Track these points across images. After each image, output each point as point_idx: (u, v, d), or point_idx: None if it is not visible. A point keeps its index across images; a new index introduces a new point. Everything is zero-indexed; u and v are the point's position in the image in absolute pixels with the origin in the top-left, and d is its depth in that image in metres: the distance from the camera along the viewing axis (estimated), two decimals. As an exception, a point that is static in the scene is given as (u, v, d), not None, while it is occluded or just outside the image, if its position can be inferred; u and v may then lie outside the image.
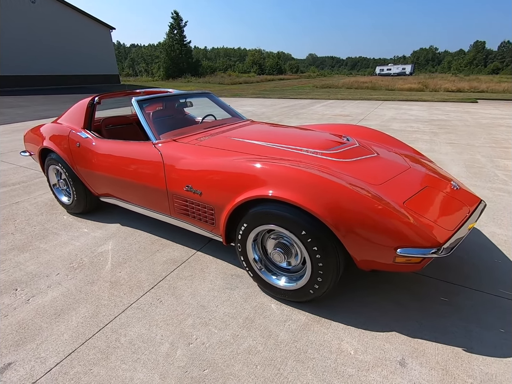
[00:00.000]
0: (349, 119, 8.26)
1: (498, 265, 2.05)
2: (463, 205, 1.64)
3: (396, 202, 1.48)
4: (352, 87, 22.45)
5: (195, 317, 1.68)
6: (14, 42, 18.50)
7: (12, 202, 3.29)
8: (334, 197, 1.41)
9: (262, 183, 1.57)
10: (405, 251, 1.34)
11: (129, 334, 1.58)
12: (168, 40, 34.25)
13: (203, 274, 2.04)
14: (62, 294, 1.88)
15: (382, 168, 1.83)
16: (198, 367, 1.39)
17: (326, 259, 1.46)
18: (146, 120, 2.26)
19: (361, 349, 1.46)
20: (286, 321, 1.64)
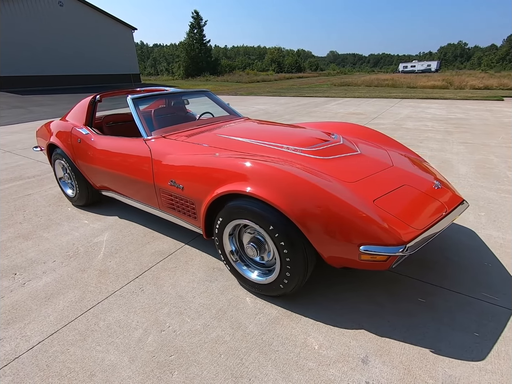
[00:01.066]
0: (362, 117, 8.09)
1: (486, 269, 1.98)
2: (440, 204, 1.60)
3: (366, 200, 1.48)
4: (371, 85, 21.90)
5: (171, 306, 1.75)
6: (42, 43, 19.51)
7: (25, 194, 3.52)
8: (299, 192, 1.43)
9: (235, 179, 1.61)
10: (368, 248, 1.34)
11: (108, 319, 1.67)
12: (188, 39, 34.85)
13: (186, 266, 2.11)
14: (55, 280, 2.02)
15: (361, 166, 1.81)
16: (166, 353, 1.46)
17: (294, 255, 1.48)
18: (139, 117, 2.36)
19: (326, 345, 1.47)
20: (258, 314, 1.67)
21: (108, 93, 2.91)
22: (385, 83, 21.47)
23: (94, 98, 2.81)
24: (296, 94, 16.04)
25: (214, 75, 32.97)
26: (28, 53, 19.01)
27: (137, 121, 2.34)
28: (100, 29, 22.24)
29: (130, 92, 2.85)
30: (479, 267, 2.00)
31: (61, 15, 20.23)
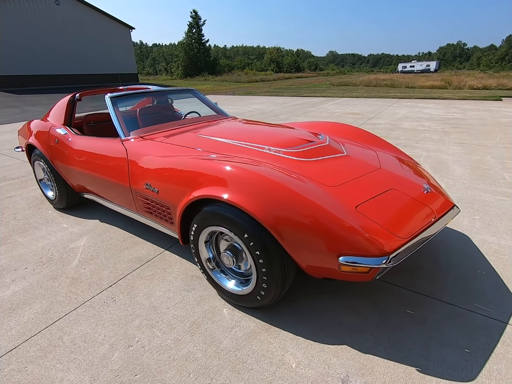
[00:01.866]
0: (359, 117, 7.99)
1: (480, 277, 1.87)
2: (429, 210, 1.49)
3: (347, 206, 1.37)
4: (370, 84, 21.82)
5: (143, 318, 1.64)
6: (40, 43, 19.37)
7: (6, 196, 3.41)
8: (273, 198, 1.32)
9: (209, 182, 1.50)
10: (348, 259, 1.23)
11: (74, 333, 1.56)
12: (186, 39, 34.71)
13: (164, 274, 2.00)
14: (23, 289, 1.90)
15: (346, 168, 1.70)
16: (131, 372, 1.34)
17: (270, 265, 1.37)
18: (117, 117, 2.24)
19: (304, 363, 1.36)
20: (234, 327, 1.56)
21: (89, 91, 2.80)
22: (384, 83, 21.40)
23: (73, 97, 2.69)
24: (294, 94, 15.93)
25: (213, 74, 32.85)
26: (25, 52, 18.88)
27: (115, 120, 2.23)
28: (97, 28, 22.09)
29: (112, 91, 2.73)
30: (471, 275, 1.89)
31: (58, 14, 20.09)
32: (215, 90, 19.68)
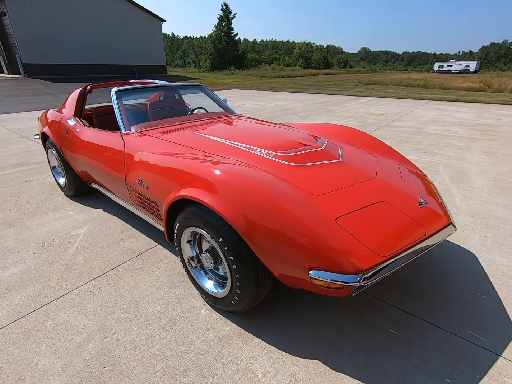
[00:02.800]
0: (381, 118, 7.68)
1: (480, 301, 1.73)
2: (419, 227, 1.39)
3: (327, 217, 1.30)
4: (401, 84, 20.92)
5: (123, 311, 1.67)
6: (74, 33, 20.21)
7: (24, 180, 3.60)
8: (249, 204, 1.29)
9: (191, 184, 1.49)
10: (319, 274, 1.17)
11: (57, 319, 1.62)
12: (216, 32, 34.86)
13: (152, 268, 2.02)
14: (21, 271, 2.00)
15: (337, 176, 1.63)
16: (101, 363, 1.38)
17: (243, 271, 1.35)
18: (120, 111, 2.29)
19: (271, 373, 1.33)
20: (208, 329, 1.56)
21: (100, 84, 2.87)
22: (416, 83, 20.43)
23: (84, 89, 2.78)
24: (319, 91, 15.59)
25: (240, 68, 32.83)
26: (61, 42, 19.78)
27: (117, 114, 2.27)
28: (130, 19, 22.68)
29: (120, 84, 2.79)
30: (471, 298, 1.76)
31: (94, 5, 20.84)
32: (240, 84, 19.67)
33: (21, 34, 18.36)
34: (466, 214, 2.76)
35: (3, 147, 5.06)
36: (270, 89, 16.76)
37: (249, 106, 9.80)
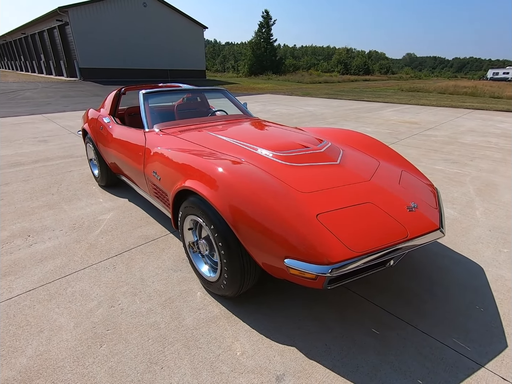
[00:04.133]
0: (415, 127, 7.40)
1: (475, 314, 1.69)
2: (402, 229, 1.42)
3: (308, 213, 1.40)
4: (446, 92, 19.75)
5: (130, 286, 1.89)
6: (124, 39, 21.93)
7: (67, 170, 4.08)
8: (237, 196, 1.43)
9: (193, 176, 1.66)
10: (292, 262, 1.27)
11: (76, 287, 1.88)
12: (256, 38, 35.67)
13: (161, 253, 2.23)
14: (53, 246, 2.32)
15: (330, 176, 1.70)
16: (105, 326, 1.59)
17: (230, 258, 1.48)
18: (145, 111, 2.55)
19: (248, 353, 1.44)
20: (200, 309, 1.71)
21: (132, 87, 3.20)
22: (463, 91, 19.19)
23: (119, 91, 3.11)
24: (354, 98, 15.29)
25: (277, 74, 33.18)
26: (113, 48, 21.56)
27: (142, 114, 2.54)
28: (175, 27, 24.11)
29: (149, 87, 3.08)
30: (466, 309, 1.73)
31: (144, 14, 22.47)
32: (274, 90, 19.92)
33: (80, 41, 20.32)
34: (484, 227, 2.64)
35: (54, 141, 5.71)
36: (304, 94, 16.77)
37: (279, 111, 9.94)
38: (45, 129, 6.80)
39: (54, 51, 23.40)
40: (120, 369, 1.36)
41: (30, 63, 29.73)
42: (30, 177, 3.79)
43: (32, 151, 4.99)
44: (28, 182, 3.65)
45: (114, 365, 1.38)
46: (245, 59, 36.95)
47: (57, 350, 1.45)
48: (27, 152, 4.95)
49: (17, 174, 3.90)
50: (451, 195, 3.32)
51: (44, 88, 16.25)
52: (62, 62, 22.85)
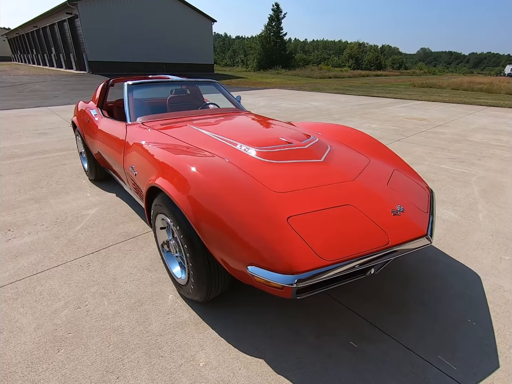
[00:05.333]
0: (423, 123, 7.13)
1: (466, 328, 1.55)
2: (383, 235, 1.28)
3: (279, 215, 1.27)
4: (459, 88, 19.13)
5: (101, 286, 1.81)
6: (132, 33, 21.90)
7: (61, 163, 4.03)
8: (201, 194, 1.32)
9: (163, 173, 1.56)
10: (255, 270, 1.16)
11: (45, 286, 1.81)
12: (265, 32, 35.18)
13: (139, 251, 2.15)
14: (32, 241, 2.26)
15: (310, 175, 1.57)
16: (67, 329, 1.51)
17: (195, 260, 1.38)
18: (128, 103, 2.45)
19: (212, 364, 1.34)
20: (169, 314, 1.61)
21: (120, 78, 3.10)
22: (478, 88, 18.55)
23: (107, 82, 3.02)
24: (364, 93, 14.93)
25: (286, 68, 32.73)
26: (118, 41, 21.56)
27: (125, 106, 2.44)
28: (184, 20, 23.95)
29: (136, 79, 2.97)
30: (457, 322, 1.58)
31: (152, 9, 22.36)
32: (283, 84, 19.64)
33: (89, 35, 20.39)
34: (486, 232, 2.46)
35: (55, 133, 5.70)
36: (312, 89, 16.46)
37: (284, 106, 9.75)
38: (47, 121, 6.81)
39: (64, 44, 23.58)
40: (74, 377, 1.28)
41: (41, 56, 30.09)
42: (23, 170, 3.76)
43: (30, 144, 4.98)
44: (20, 174, 3.61)
45: (68, 373, 1.30)
46: (254, 53, 36.53)
47: (12, 354, 1.38)
48: (25, 144, 4.94)
49: (10, 167, 3.87)
50: (454, 196, 3.13)
51: (53, 81, 16.39)
52: (72, 55, 23.02)
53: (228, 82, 19.62)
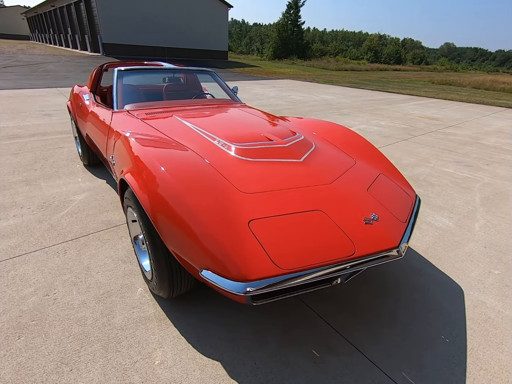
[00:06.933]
0: (435, 123, 6.86)
1: (437, 345, 1.48)
2: (350, 244, 1.21)
3: (240, 218, 1.22)
4: (481, 87, 18.34)
5: (72, 275, 1.80)
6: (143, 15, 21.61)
7: (59, 146, 4.05)
8: (162, 190, 1.27)
9: (131, 165, 1.51)
10: (207, 275, 1.11)
11: (19, 271, 1.82)
12: (282, 19, 34.29)
13: (118, 241, 2.14)
14: (15, 224, 2.28)
15: (285, 176, 1.50)
16: (31, 317, 1.51)
17: (157, 257, 1.35)
18: (116, 89, 2.40)
19: (167, 364, 1.32)
20: (135, 308, 1.60)
21: (115, 63, 3.05)
22: (501, 87, 17.73)
23: (101, 67, 2.98)
24: (378, 88, 14.49)
25: (302, 58, 31.99)
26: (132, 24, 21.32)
27: (113, 93, 2.40)
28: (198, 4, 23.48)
29: (133, 64, 2.92)
30: (430, 338, 1.51)
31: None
32: (296, 75, 19.22)
33: (104, 16, 20.27)
34: (479, 243, 2.35)
35: (58, 115, 5.73)
36: (325, 81, 16.06)
37: (293, 98, 9.55)
38: (54, 102, 6.85)
39: (80, 25, 23.55)
40: (28, 366, 1.28)
41: (57, 36, 30.22)
42: (21, 151, 3.80)
43: (33, 124, 5.02)
44: (18, 155, 3.65)
45: (23, 361, 1.30)
46: (270, 41, 35.77)
47: (-27, 338, 1.39)
48: (28, 125, 4.98)
49: (10, 147, 3.92)
50: (452, 203, 3.00)
51: (66, 62, 16.48)
52: (87, 36, 23.00)
53: (241, 71, 19.33)
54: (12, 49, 21.90)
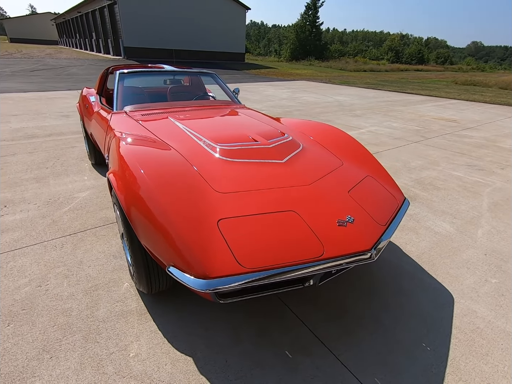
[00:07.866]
0: (452, 125, 6.62)
1: (418, 352, 1.44)
2: (319, 245, 1.20)
3: (211, 217, 1.24)
4: (508, 87, 17.45)
5: (66, 268, 1.89)
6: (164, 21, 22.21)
7: (71, 146, 4.25)
8: (138, 187, 1.32)
9: (117, 163, 1.57)
10: (173, 271, 1.14)
11: (18, 262, 1.93)
12: (301, 20, 34.14)
13: (113, 238, 2.22)
14: (20, 219, 2.42)
15: (264, 176, 1.51)
16: (23, 305, 1.60)
17: (134, 252, 1.40)
18: (117, 92, 2.50)
19: (141, 357, 1.37)
20: (119, 302, 1.66)
21: (120, 66, 3.16)
22: (529, 87, 16.78)
23: (107, 70, 3.10)
24: (396, 89, 14.13)
25: (320, 59, 31.70)
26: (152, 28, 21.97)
27: (114, 95, 2.49)
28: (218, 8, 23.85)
29: (133, 67, 3.02)
30: (409, 345, 1.48)
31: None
32: (312, 76, 19.08)
33: (126, 21, 21.01)
34: (479, 250, 2.25)
35: (75, 116, 5.99)
36: (341, 83, 15.84)
37: (306, 99, 9.50)
38: (73, 104, 7.17)
39: (103, 29, 24.53)
40: (13, 351, 1.36)
41: (83, 41, 31.60)
42: (36, 150, 4.01)
43: (51, 125, 5.28)
44: (32, 154, 3.86)
45: (9, 347, 1.38)
46: (287, 42, 35.69)
47: (-32, 323, 1.49)
48: (47, 125, 5.25)
49: (27, 146, 4.14)
50: (456, 207, 2.89)
51: (89, 66, 17.20)
52: (109, 40, 23.92)
53: (257, 72, 19.43)
54: (41, 54, 23.11)
